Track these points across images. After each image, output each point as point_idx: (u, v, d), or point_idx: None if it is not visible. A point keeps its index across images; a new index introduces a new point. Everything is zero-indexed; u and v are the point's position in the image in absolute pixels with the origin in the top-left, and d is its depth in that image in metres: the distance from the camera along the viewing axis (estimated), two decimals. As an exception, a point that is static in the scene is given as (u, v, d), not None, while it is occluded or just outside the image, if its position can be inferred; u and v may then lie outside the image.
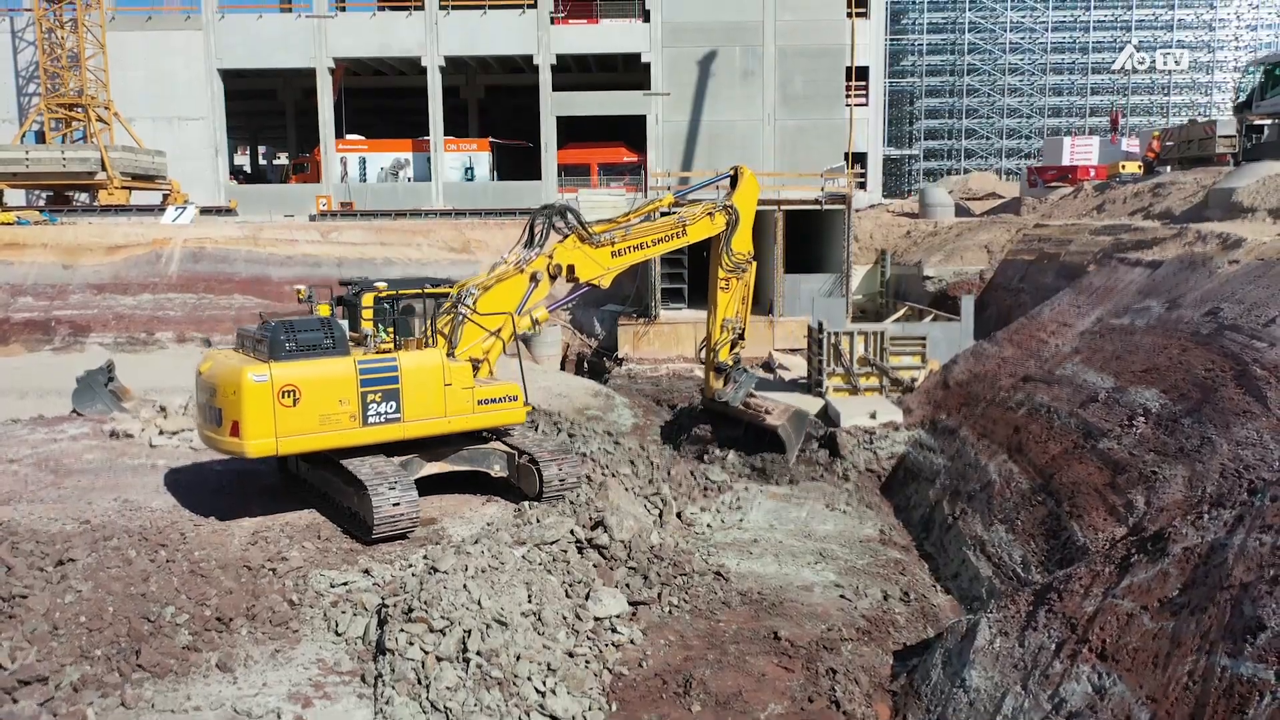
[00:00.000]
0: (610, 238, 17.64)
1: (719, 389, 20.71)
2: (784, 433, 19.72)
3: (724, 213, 19.27)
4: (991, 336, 22.04)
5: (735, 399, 20.46)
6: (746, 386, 20.61)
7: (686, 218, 18.70)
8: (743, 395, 20.50)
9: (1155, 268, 18.93)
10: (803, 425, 20.35)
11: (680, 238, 18.81)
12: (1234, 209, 22.47)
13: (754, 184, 20.20)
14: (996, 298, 29.25)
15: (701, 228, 19.03)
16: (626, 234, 17.86)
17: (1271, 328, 13.98)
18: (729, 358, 20.42)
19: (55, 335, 35.67)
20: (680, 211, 18.79)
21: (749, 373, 21.05)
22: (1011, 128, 78.42)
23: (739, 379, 20.56)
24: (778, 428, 19.77)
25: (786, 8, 51.52)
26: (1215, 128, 28.61)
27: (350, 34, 52.36)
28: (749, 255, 20.03)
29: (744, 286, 20.13)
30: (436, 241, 39.02)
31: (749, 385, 20.71)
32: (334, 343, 14.52)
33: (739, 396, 20.45)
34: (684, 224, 18.64)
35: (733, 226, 19.40)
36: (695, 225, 18.85)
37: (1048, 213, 33.31)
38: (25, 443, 20.26)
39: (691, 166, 52.64)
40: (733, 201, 19.52)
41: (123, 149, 46.71)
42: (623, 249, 17.88)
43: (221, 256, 38.40)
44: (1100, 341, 17.72)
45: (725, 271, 19.89)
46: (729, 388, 20.50)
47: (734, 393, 20.45)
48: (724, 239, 19.49)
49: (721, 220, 19.24)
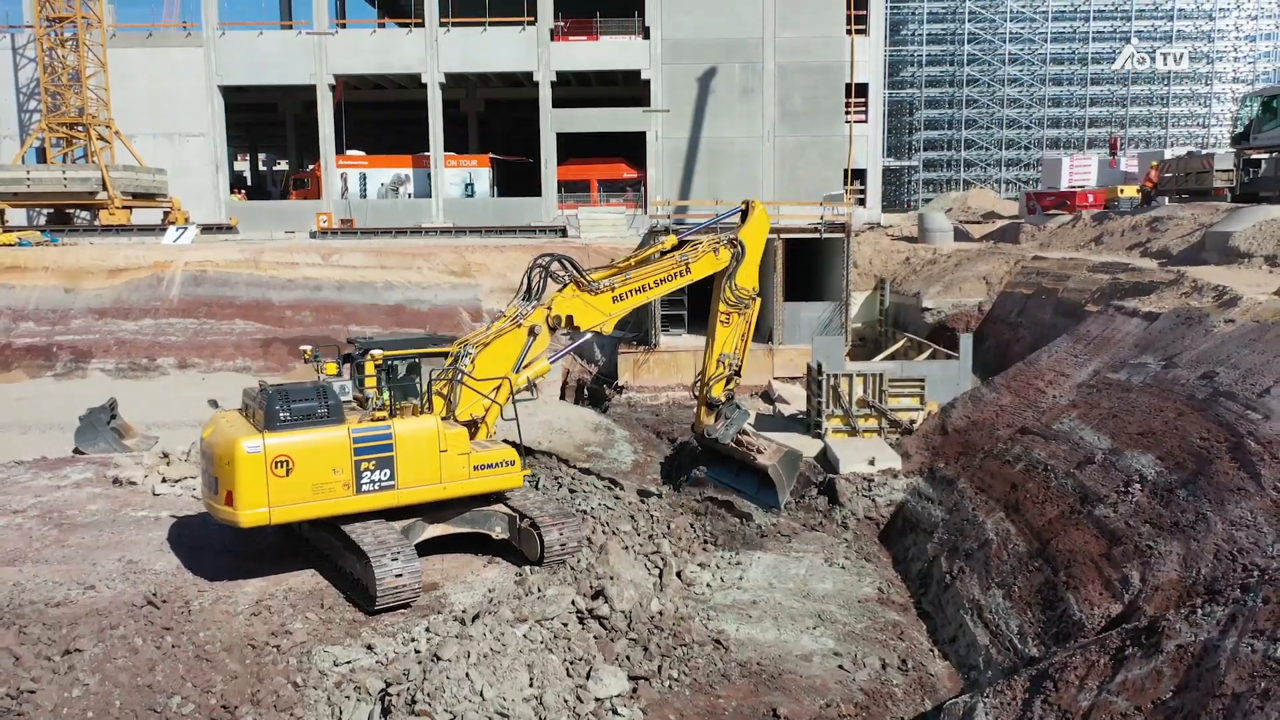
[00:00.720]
0: (610, 283, 17.49)
1: (710, 425, 20.19)
2: (774, 474, 19.37)
3: (729, 247, 18.75)
4: (990, 382, 22.16)
5: (726, 436, 19.99)
6: (738, 424, 20.10)
7: (690, 255, 18.30)
8: (734, 432, 20.01)
9: (1152, 320, 19.04)
10: (795, 466, 20.15)
11: (684, 276, 18.43)
12: (1230, 253, 22.58)
13: (764, 219, 19.75)
14: (995, 330, 29.36)
15: (705, 264, 18.58)
16: (626, 278, 17.66)
17: (1266, 398, 14.10)
18: (722, 394, 19.93)
19: (57, 361, 35.74)
20: (683, 251, 18.38)
21: (741, 409, 20.51)
22: (1011, 138, 78.51)
23: (731, 415, 20.06)
24: (768, 468, 19.42)
25: (786, 25, 51.64)
26: (1213, 162, 28.71)
27: (350, 51, 52.48)
28: (753, 291, 19.47)
29: (745, 322, 19.62)
30: (437, 264, 39.08)
31: (741, 422, 20.19)
32: (329, 411, 14.65)
33: (730, 434, 19.97)
34: (687, 262, 18.26)
35: (738, 261, 18.89)
36: (699, 262, 18.44)
37: (1046, 241, 33.42)
38: (29, 490, 20.41)
39: (691, 183, 52.85)
40: (740, 236, 19.02)
41: (124, 168, 46.83)
42: (624, 293, 17.71)
43: (223, 280, 38.44)
44: (1097, 397, 17.84)
45: (727, 306, 19.32)
46: (720, 424, 20.01)
47: (725, 429, 19.96)
48: (728, 273, 18.92)
49: (727, 255, 18.74)
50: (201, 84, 52.12)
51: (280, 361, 35.86)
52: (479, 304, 38.03)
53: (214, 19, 52.05)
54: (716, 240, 18.57)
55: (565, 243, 42.39)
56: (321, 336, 36.59)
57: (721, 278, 18.97)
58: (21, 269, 38.94)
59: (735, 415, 20.07)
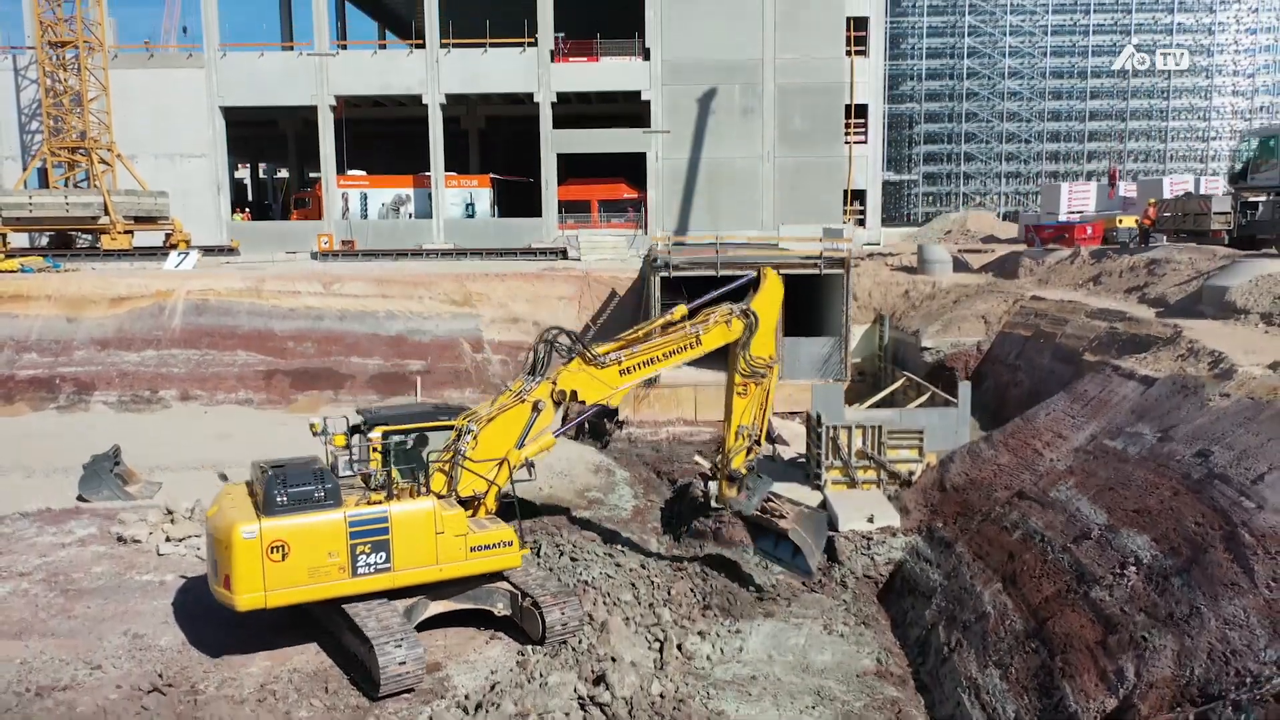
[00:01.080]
0: (616, 357, 17.44)
1: (733, 497, 19.59)
2: (797, 538, 18.88)
3: (742, 318, 18.21)
4: (988, 437, 22.32)
5: (749, 508, 19.47)
6: (761, 493, 19.47)
7: (700, 327, 17.94)
8: (757, 503, 19.42)
9: (1149, 384, 19.19)
10: (820, 527, 19.51)
11: (694, 349, 18.11)
12: (1227, 308, 22.72)
13: (778, 287, 19.16)
14: (994, 371, 29.51)
15: (717, 335, 18.14)
16: (633, 351, 17.56)
17: (1260, 486, 14.24)
18: (743, 466, 19.23)
19: (60, 393, 35.90)
20: (693, 322, 18.09)
21: (764, 478, 19.81)
22: (1011, 152, 78.65)
23: (753, 486, 19.42)
24: (789, 531, 18.97)
25: (786, 46, 51.71)
26: (1210, 204, 28.85)
27: (351, 72, 52.57)
28: (770, 360, 18.83)
29: (763, 392, 18.92)
30: (438, 293, 39.21)
31: (764, 491, 19.54)
32: (325, 495, 14.81)
33: (753, 504, 19.41)
34: (697, 334, 17.91)
35: (751, 331, 18.30)
36: (710, 334, 18.03)
37: (1045, 278, 33.56)
38: (34, 547, 20.59)
39: (692, 203, 52.96)
40: (753, 306, 18.45)
41: (125, 193, 46.96)
42: (631, 366, 17.58)
43: (224, 309, 38.56)
44: (1094, 465, 18.00)
45: (742, 377, 18.68)
46: (743, 495, 19.41)
47: (748, 501, 19.38)
48: (742, 344, 18.35)
49: (739, 326, 18.20)
50: (203, 105, 52.20)
51: (282, 394, 36.06)
52: (480, 334, 38.19)
53: (215, 40, 52.14)
54: (729, 312, 18.11)
55: (566, 268, 42.46)
56: (323, 369, 36.87)
57: (735, 348, 18.42)
58: (24, 298, 39.07)
59: (758, 485, 19.47)
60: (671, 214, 53.00)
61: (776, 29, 51.56)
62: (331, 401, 35.74)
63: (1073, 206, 45.77)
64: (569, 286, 39.97)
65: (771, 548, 19.41)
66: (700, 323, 17.97)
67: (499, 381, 37.00)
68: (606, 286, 39.94)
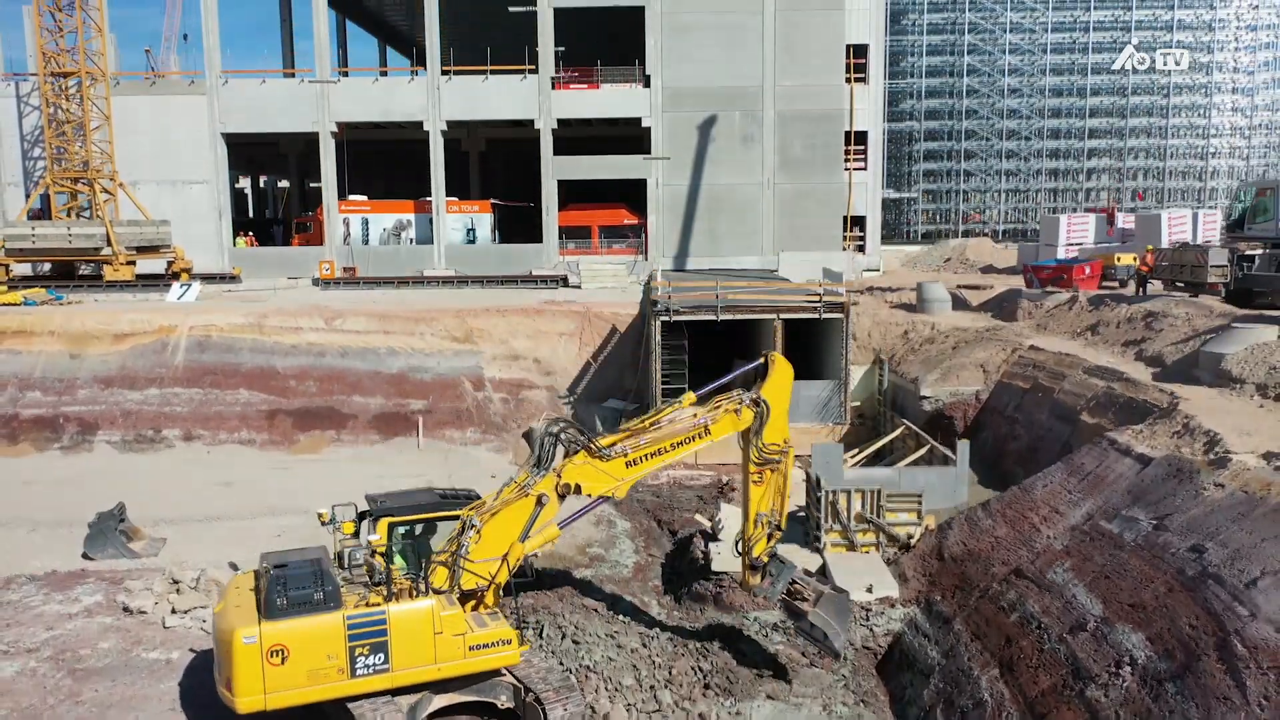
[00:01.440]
0: (623, 449, 17.16)
1: (757, 585, 19.20)
2: (820, 621, 18.54)
3: (752, 407, 17.80)
4: (986, 505, 22.52)
5: (774, 595, 19.07)
6: (785, 578, 18.94)
7: (709, 417, 17.57)
8: (781, 589, 18.96)
9: (1145, 464, 19.39)
10: (843, 608, 19.05)
11: (703, 438, 17.72)
12: (1223, 376, 22.92)
13: (787, 372, 18.66)
14: (992, 422, 29.71)
15: (726, 425, 17.75)
16: (641, 443, 17.32)
17: (1253, 591, 14.45)
18: (765, 553, 18.80)
19: (64, 433, 36.08)
20: (702, 411, 17.69)
21: (787, 564, 19.21)
22: (1010, 169, 78.87)
23: (776, 572, 18.93)
24: (809, 615, 18.63)
25: (786, 73, 51.92)
26: (1207, 257, 29.03)
27: (352, 99, 52.80)
28: (784, 444, 18.34)
29: (779, 477, 18.45)
30: (439, 330, 39.41)
31: (788, 576, 18.98)
32: (325, 597, 14.98)
33: (778, 591, 18.97)
34: (706, 425, 17.56)
35: (762, 420, 17.91)
36: (719, 424, 17.67)
37: (1043, 323, 33.75)
38: (41, 618, 20.76)
39: (692, 229, 53.17)
40: (763, 394, 18.03)
41: (128, 223, 47.18)
42: (638, 458, 17.27)
43: (227, 345, 38.75)
44: (1090, 548, 18.22)
45: (757, 465, 18.27)
46: (766, 583, 19.00)
47: (772, 588, 18.97)
48: (754, 432, 17.96)
49: (749, 415, 17.78)
50: (204, 131, 52.42)
51: (284, 434, 36.23)
52: (481, 372, 38.39)
53: (217, 67, 52.35)
54: (738, 401, 17.81)
55: (566, 300, 42.64)
56: (325, 408, 37.04)
57: (747, 436, 18.10)
58: (28, 333, 39.28)
59: (781, 571, 18.99)
60: (672, 240, 53.26)
61: (776, 57, 51.78)
62: (334, 442, 35.98)
63: (1071, 238, 45.98)
64: (569, 322, 40.17)
65: (809, 629, 18.93)
66: (709, 412, 17.65)
67: (500, 420, 37.27)
68: (607, 323, 40.15)
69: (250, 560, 24.53)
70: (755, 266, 52.50)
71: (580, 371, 38.98)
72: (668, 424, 17.51)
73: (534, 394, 38.25)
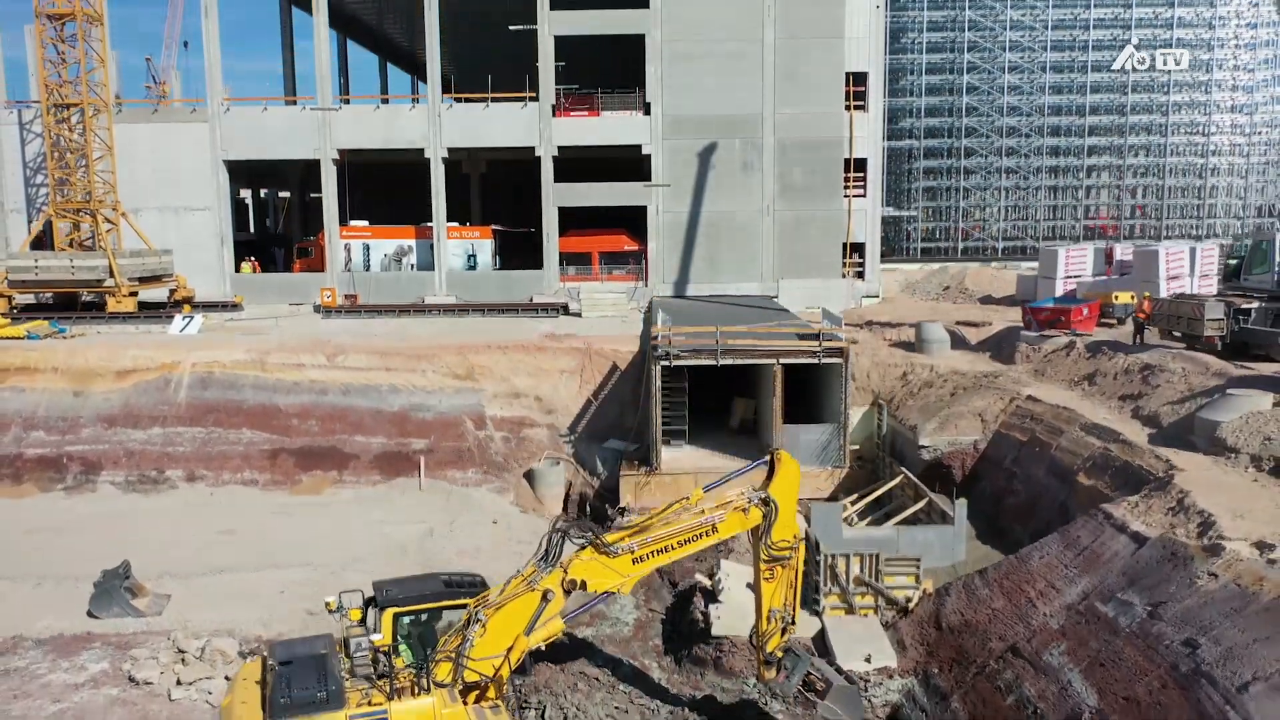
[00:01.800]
0: (629, 546, 17.14)
1: (772, 679, 19.13)
2: (831, 715, 18.43)
3: (761, 506, 17.67)
4: (983, 574, 22.75)
5: (790, 689, 19.02)
6: (801, 672, 18.81)
7: (716, 517, 17.41)
8: (796, 682, 18.86)
9: (1139, 543, 19.62)
10: (855, 702, 19.05)
11: (711, 536, 17.64)
12: (1218, 444, 23.12)
13: (794, 471, 18.44)
14: (990, 474, 29.94)
15: (734, 523, 17.63)
16: (647, 540, 17.28)
17: (1244, 697, 14.68)
18: (779, 648, 18.68)
19: (67, 473, 36.32)
20: (710, 509, 17.52)
21: (802, 657, 19.04)
22: (1010, 185, 79.09)
23: (791, 665, 18.80)
24: (820, 709, 18.58)
25: (786, 101, 52.10)
26: (1204, 310, 29.23)
27: (354, 126, 52.98)
28: (795, 540, 18.17)
29: (791, 572, 18.32)
30: (440, 367, 39.59)
31: (803, 670, 18.82)
32: (328, 696, 15.17)
33: (793, 685, 18.89)
34: (714, 523, 17.42)
35: (771, 519, 17.77)
36: (727, 522, 17.53)
37: (1040, 368, 33.96)
38: (48, 689, 21.03)
39: (692, 255, 53.37)
40: (771, 493, 17.88)
41: (130, 254, 47.34)
42: (644, 554, 17.25)
43: (229, 382, 38.95)
44: (1085, 631, 18.47)
45: (768, 563, 18.17)
46: (781, 676, 18.89)
47: (787, 682, 18.87)
48: (763, 530, 17.81)
49: (758, 514, 17.65)
50: (206, 159, 52.60)
51: (286, 474, 36.44)
52: (482, 410, 38.56)
53: (219, 95, 52.53)
54: (747, 500, 17.70)
55: (567, 334, 42.79)
56: (328, 448, 37.25)
57: (756, 534, 17.97)
58: (31, 370, 39.50)
59: (796, 665, 18.86)
60: (672, 266, 53.49)
61: (776, 85, 51.96)
62: (336, 483, 36.19)
63: (1070, 270, 46.18)
64: (570, 359, 40.36)
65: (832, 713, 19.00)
66: (717, 509, 17.54)
67: (501, 460, 37.47)
68: (608, 359, 40.34)
69: (254, 621, 24.97)
70: (755, 293, 52.76)
71: (581, 409, 39.18)
72: (675, 519, 17.50)
73: (535, 432, 38.46)
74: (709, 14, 51.30)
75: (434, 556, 29.55)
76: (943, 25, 76.65)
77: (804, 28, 51.52)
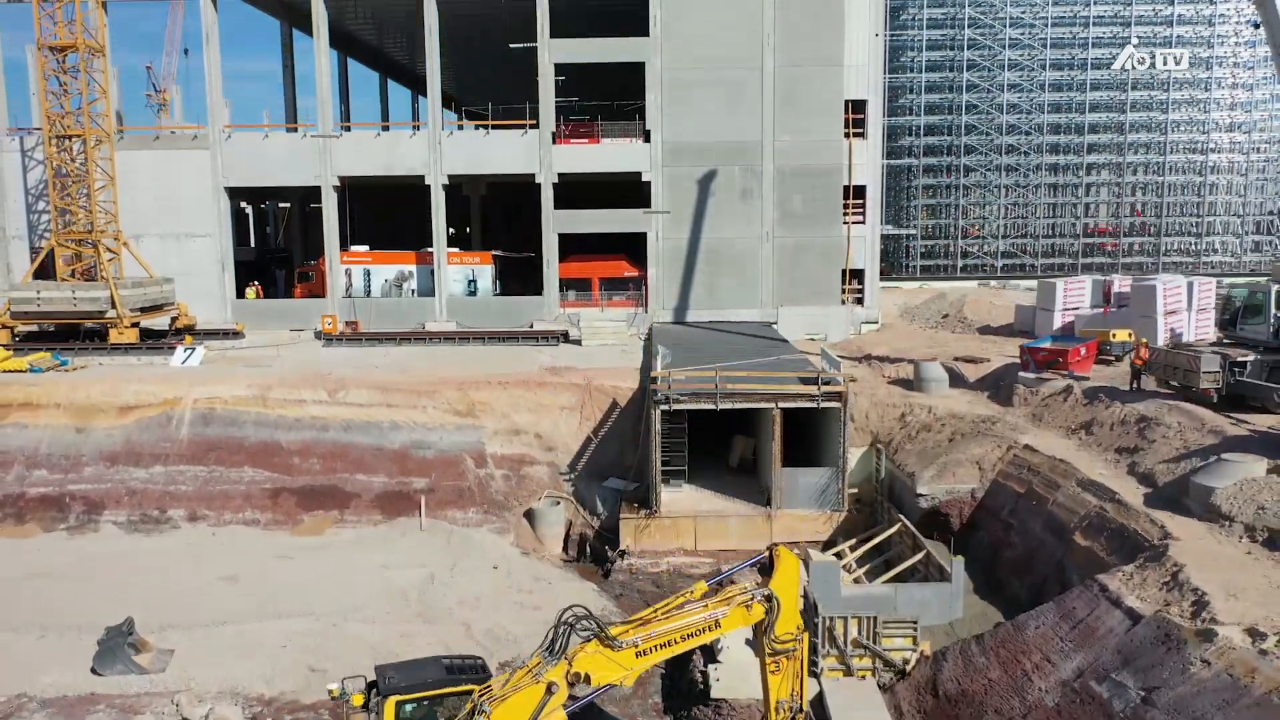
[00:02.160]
0: (634, 640, 17.07)
1: None
2: None
3: (764, 602, 17.68)
4: (980, 642, 22.95)
5: None
6: None
7: (720, 612, 17.38)
8: None
9: (1134, 620, 19.82)
10: None
11: (714, 631, 17.63)
12: (1212, 510, 23.32)
13: (795, 567, 18.54)
14: (988, 524, 30.14)
15: (737, 619, 17.61)
16: (651, 634, 17.20)
17: (1236, 796, 14.92)
18: None
19: (70, 513, 36.54)
20: (713, 604, 17.47)
21: None
22: (1009, 203, 79.34)
23: None
24: None
25: (785, 129, 52.31)
26: (1199, 363, 29.42)
27: (355, 153, 53.16)
28: (798, 632, 18.19)
29: (796, 662, 18.37)
30: (441, 403, 39.80)
31: None
32: None
33: None
34: (717, 619, 17.38)
35: (773, 615, 17.76)
36: (730, 618, 17.49)
37: (1038, 412, 34.16)
38: (54, 754, 21.28)
39: (692, 281, 53.56)
40: (773, 590, 17.91)
41: (132, 285, 47.50)
42: (648, 649, 17.20)
43: (231, 419, 39.15)
44: (1080, 713, 18.72)
45: (773, 656, 18.12)
46: None
47: None
48: (766, 626, 17.85)
49: (760, 610, 17.66)
50: (208, 186, 52.80)
51: (288, 514, 36.60)
52: (483, 447, 38.75)
53: (220, 122, 52.74)
54: (749, 596, 17.69)
55: (568, 367, 43.00)
56: (329, 486, 37.45)
57: (759, 630, 18.02)
58: (34, 406, 39.72)
59: None
60: (672, 292, 53.71)
61: (776, 112, 52.16)
62: (337, 523, 36.37)
63: (1068, 303, 46.33)
64: (570, 396, 40.56)
65: None
66: (721, 605, 17.51)
67: (501, 499, 37.66)
68: (608, 396, 40.53)
69: (257, 679, 25.19)
70: (755, 319, 53.01)
71: (581, 447, 39.38)
72: (678, 614, 17.61)
73: (535, 470, 38.67)
74: (709, 42, 51.48)
75: (434, 605, 29.81)
76: (941, 44, 76.84)
77: (804, 56, 51.72)
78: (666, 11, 51.38)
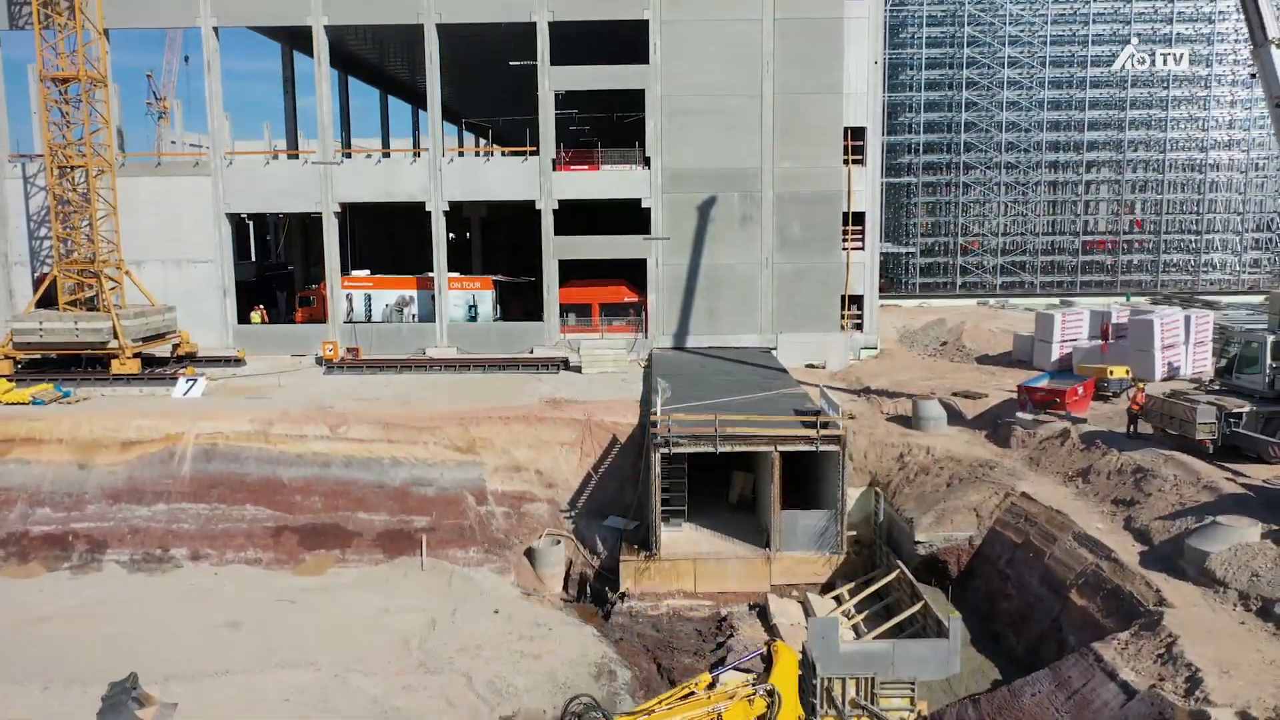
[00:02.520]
0: None
1: None
2: None
3: (766, 697, 18.40)
4: (976, 704, 23.21)
5: None
6: None
7: (723, 705, 17.90)
8: None
9: (1129, 695, 20.05)
10: None
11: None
12: (1207, 575, 23.56)
13: (793, 661, 19.43)
14: (985, 572, 30.36)
15: (739, 712, 18.12)
16: None
17: None
18: None
19: (73, 552, 36.74)
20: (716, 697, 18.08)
21: None
22: (1009, 221, 79.52)
23: None
24: None
25: (785, 155, 52.52)
26: (1195, 414, 29.64)
27: (355, 180, 53.33)
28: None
29: None
30: (442, 439, 39.99)
31: None
32: None
33: None
34: (719, 713, 17.87)
35: (775, 709, 18.47)
36: (732, 712, 18.00)
37: (1035, 456, 34.39)
38: (60, 825, 21.50)
39: (692, 307, 53.76)
40: (773, 684, 18.73)
41: (134, 314, 47.68)
42: None
43: (233, 455, 39.36)
44: (1075, 790, 18.92)
45: None
46: None
47: None
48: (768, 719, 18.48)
49: (762, 705, 18.32)
50: (209, 212, 52.98)
51: (290, 553, 36.81)
52: (483, 484, 38.91)
53: (222, 148, 52.91)
54: (752, 691, 18.37)
55: (568, 401, 43.19)
56: (330, 525, 37.66)
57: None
58: (36, 441, 39.94)
59: None
60: (671, 318, 53.94)
61: (775, 139, 52.39)
62: (338, 562, 36.58)
63: (1065, 335, 46.54)
64: (570, 432, 40.74)
65: None
66: (724, 700, 18.05)
67: (502, 536, 37.83)
68: (608, 432, 40.72)
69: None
70: (754, 344, 53.35)
71: (581, 483, 39.58)
72: (681, 706, 17.92)
73: (536, 507, 38.83)
74: (708, 69, 51.69)
75: (436, 654, 29.97)
76: (940, 62, 77.00)
77: (803, 83, 51.93)
78: (666, 39, 51.56)
